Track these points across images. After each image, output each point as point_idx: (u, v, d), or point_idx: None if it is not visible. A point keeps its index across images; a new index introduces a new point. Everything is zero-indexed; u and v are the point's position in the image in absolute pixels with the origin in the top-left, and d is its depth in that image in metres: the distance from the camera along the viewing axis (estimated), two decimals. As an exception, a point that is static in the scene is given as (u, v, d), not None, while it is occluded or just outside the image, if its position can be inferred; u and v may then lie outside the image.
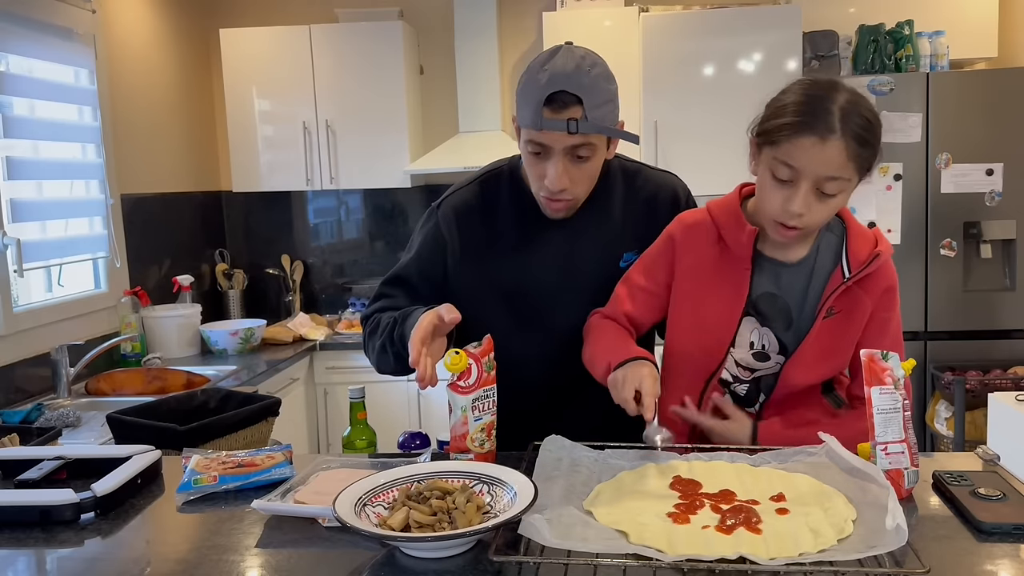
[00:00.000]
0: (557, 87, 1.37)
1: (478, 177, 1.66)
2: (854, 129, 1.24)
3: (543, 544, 1.01)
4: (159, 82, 3.80)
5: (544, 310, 1.59)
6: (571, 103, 1.38)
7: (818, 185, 1.27)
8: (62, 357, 2.83)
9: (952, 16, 3.62)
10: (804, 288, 1.41)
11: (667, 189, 1.62)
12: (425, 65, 4.16)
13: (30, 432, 1.75)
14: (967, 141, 3.28)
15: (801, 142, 1.25)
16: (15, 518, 1.21)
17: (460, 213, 1.59)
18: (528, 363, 1.58)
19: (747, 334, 1.44)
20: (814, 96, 1.27)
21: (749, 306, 1.43)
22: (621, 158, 1.64)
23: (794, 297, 1.42)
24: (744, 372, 1.47)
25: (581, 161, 1.45)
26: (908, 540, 0.95)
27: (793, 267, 1.42)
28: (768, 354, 1.44)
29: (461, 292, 1.57)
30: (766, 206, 1.34)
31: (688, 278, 1.47)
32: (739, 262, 1.42)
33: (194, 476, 1.29)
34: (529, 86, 1.42)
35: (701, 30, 3.58)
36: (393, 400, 3.63)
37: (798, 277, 1.42)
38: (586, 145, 1.42)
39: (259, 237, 4.34)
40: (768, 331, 1.43)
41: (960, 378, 3.03)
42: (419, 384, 1.30)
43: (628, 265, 1.57)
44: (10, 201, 2.74)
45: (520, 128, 1.48)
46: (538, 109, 1.39)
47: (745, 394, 1.48)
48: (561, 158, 1.43)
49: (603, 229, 1.59)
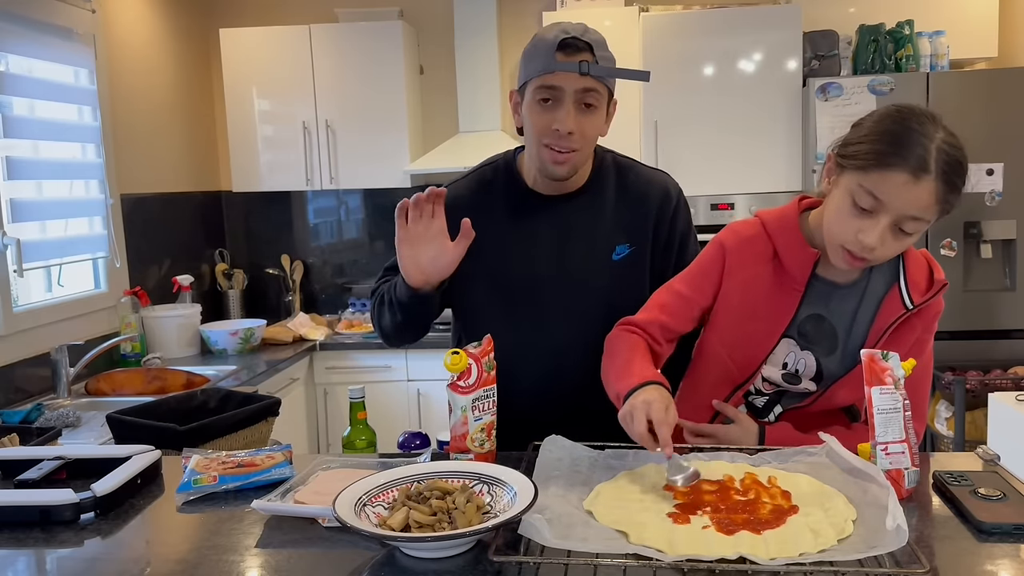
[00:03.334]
0: (569, 35, 1.45)
1: (473, 171, 1.70)
2: (947, 172, 1.20)
3: (543, 544, 1.01)
4: (159, 82, 3.80)
5: (537, 300, 1.61)
6: (582, 48, 1.45)
7: (899, 222, 1.23)
8: (62, 357, 2.83)
9: (952, 16, 3.62)
10: (854, 311, 1.38)
11: (659, 186, 1.64)
12: (425, 65, 4.16)
13: (30, 432, 1.75)
14: (967, 141, 3.24)
15: (893, 176, 1.20)
16: (15, 518, 1.21)
17: (457, 206, 1.61)
18: (521, 352, 1.59)
19: (782, 355, 1.41)
20: (912, 130, 1.22)
21: (792, 328, 1.40)
22: (615, 154, 1.68)
23: (843, 320, 1.38)
24: (768, 386, 1.45)
25: (588, 110, 1.49)
26: (908, 540, 0.95)
27: (844, 289, 1.38)
28: (800, 377, 1.42)
29: (456, 281, 1.59)
30: (836, 230, 1.28)
31: (738, 293, 1.43)
32: (792, 283, 1.38)
33: (194, 476, 1.29)
34: (537, 44, 1.48)
35: (701, 30, 3.58)
36: (393, 400, 3.63)
37: (848, 300, 1.38)
38: (593, 92, 1.47)
39: (259, 237, 4.34)
40: (808, 355, 1.40)
41: (960, 378, 3.03)
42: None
43: (620, 258, 1.58)
44: (10, 201, 2.74)
45: (524, 88, 1.51)
46: (550, 54, 1.44)
47: (763, 406, 1.47)
48: (571, 103, 1.47)
49: (595, 221, 1.61)
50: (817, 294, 1.39)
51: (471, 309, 1.66)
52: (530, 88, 1.49)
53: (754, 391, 1.47)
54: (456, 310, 1.70)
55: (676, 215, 1.64)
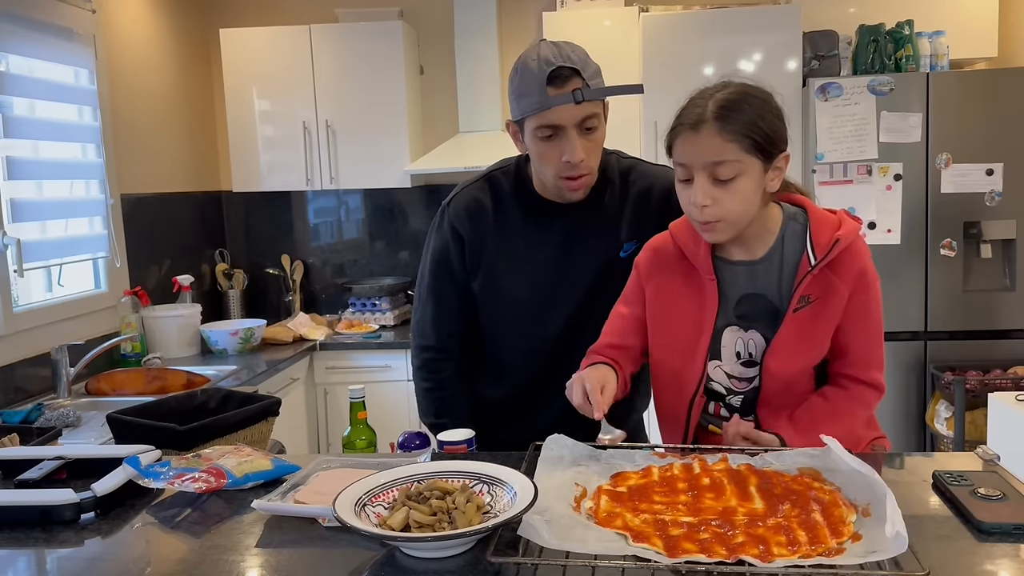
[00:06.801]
0: (554, 65, 1.46)
1: (484, 175, 1.72)
2: (724, 112, 1.30)
3: (542, 545, 1.01)
4: (159, 82, 3.80)
5: (549, 303, 1.65)
6: (571, 76, 1.47)
7: (710, 173, 1.31)
8: (62, 357, 2.83)
9: (952, 16, 3.61)
10: (778, 280, 1.42)
11: (661, 181, 1.67)
12: (425, 65, 4.16)
13: (30, 432, 1.75)
14: (967, 141, 3.28)
15: (682, 139, 1.34)
16: (15, 518, 1.21)
17: (471, 210, 1.66)
18: (532, 355, 1.64)
19: (731, 344, 1.44)
20: (696, 96, 1.35)
21: (728, 315, 1.43)
22: (618, 154, 1.71)
23: (772, 291, 1.42)
24: (738, 383, 1.46)
25: (590, 133, 1.52)
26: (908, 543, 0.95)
27: (762, 263, 1.42)
28: (755, 360, 1.43)
29: (478, 288, 1.64)
30: (684, 210, 1.39)
31: (657, 301, 1.49)
32: (703, 274, 1.44)
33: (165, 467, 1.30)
34: (524, 78, 1.49)
35: (701, 30, 3.58)
36: (393, 400, 3.63)
37: (771, 271, 1.42)
38: (593, 116, 1.50)
39: (259, 237, 4.34)
40: (754, 334, 1.43)
41: (960, 378, 3.03)
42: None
43: (628, 255, 1.61)
44: (10, 201, 2.74)
45: (522, 122, 1.53)
46: (542, 91, 1.46)
47: (740, 405, 1.48)
48: (574, 133, 1.50)
49: (603, 223, 1.64)
50: (738, 276, 1.43)
51: (487, 315, 1.71)
52: (529, 125, 1.53)
53: (724, 391, 1.48)
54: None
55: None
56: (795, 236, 1.42)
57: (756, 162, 1.32)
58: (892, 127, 3.29)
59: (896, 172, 3.31)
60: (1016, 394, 1.36)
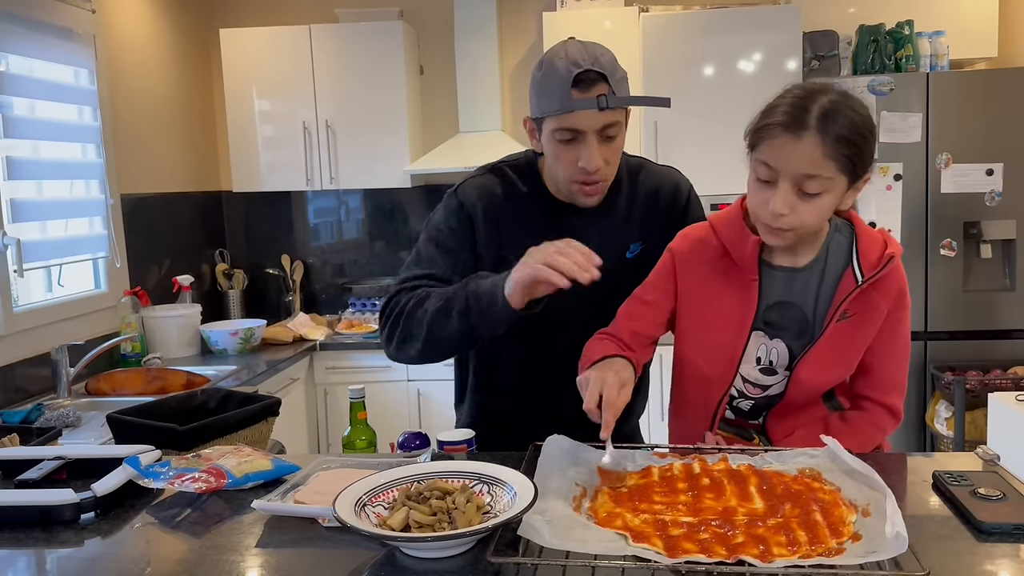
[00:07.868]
0: (581, 68, 1.40)
1: (490, 167, 1.67)
2: (830, 126, 1.23)
3: (542, 545, 1.01)
4: (159, 82, 3.80)
5: (556, 303, 1.61)
6: (597, 81, 1.41)
7: (798, 184, 1.26)
8: (62, 357, 2.83)
9: (952, 16, 3.62)
10: (816, 291, 1.39)
11: (669, 182, 1.66)
12: (425, 65, 4.16)
13: (30, 432, 1.75)
14: (967, 141, 3.28)
15: (776, 141, 1.26)
16: (15, 518, 1.21)
17: (483, 196, 1.61)
18: (540, 356, 1.61)
19: (754, 350, 1.42)
20: (797, 97, 1.27)
21: (758, 320, 1.41)
22: (626, 155, 1.68)
23: (808, 302, 1.40)
24: (752, 389, 1.45)
25: (610, 141, 1.48)
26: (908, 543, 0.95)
27: (803, 271, 1.40)
28: (775, 369, 1.42)
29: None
30: (753, 208, 1.34)
31: (694, 294, 1.45)
32: (745, 274, 1.40)
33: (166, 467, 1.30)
34: (549, 75, 1.44)
35: (701, 30, 3.58)
36: (393, 400, 3.63)
37: (810, 281, 1.39)
38: (615, 124, 1.46)
39: (259, 237, 4.34)
40: (778, 343, 1.41)
41: (960, 378, 3.03)
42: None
43: (634, 256, 1.60)
44: (10, 201, 2.74)
45: (542, 120, 1.49)
46: (565, 92, 1.41)
47: (749, 409, 1.48)
48: (594, 140, 1.45)
49: (611, 224, 1.62)
50: (776, 281, 1.41)
51: None
52: (548, 126, 1.48)
53: (737, 394, 1.47)
54: None
55: (688, 209, 1.66)
56: (839, 248, 1.40)
57: (844, 181, 1.28)
58: (892, 127, 3.30)
59: (896, 172, 3.31)
60: (1016, 394, 1.36)
